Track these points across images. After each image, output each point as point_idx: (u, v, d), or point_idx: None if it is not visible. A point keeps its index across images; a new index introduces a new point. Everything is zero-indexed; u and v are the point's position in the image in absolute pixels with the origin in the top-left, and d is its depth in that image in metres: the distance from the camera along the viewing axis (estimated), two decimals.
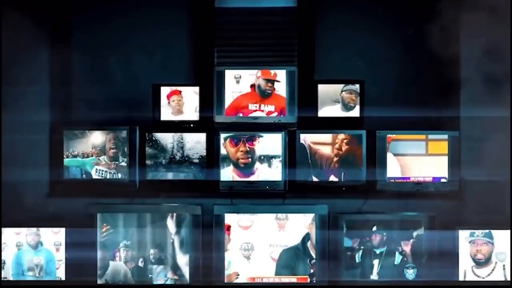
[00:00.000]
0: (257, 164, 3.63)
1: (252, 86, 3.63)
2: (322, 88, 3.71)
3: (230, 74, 3.68)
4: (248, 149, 3.61)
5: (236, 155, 3.62)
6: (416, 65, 3.91)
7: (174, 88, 3.69)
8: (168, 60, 3.97)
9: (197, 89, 3.70)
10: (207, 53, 3.93)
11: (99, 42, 3.93)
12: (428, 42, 3.77)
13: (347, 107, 3.68)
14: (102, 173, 3.68)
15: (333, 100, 3.71)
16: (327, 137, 3.65)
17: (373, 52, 3.92)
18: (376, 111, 3.66)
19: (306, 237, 3.54)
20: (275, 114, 3.64)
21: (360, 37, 3.94)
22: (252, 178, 3.65)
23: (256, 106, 3.64)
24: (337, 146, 3.67)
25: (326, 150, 3.66)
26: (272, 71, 3.64)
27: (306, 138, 3.64)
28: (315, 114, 3.70)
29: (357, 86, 3.68)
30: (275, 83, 3.60)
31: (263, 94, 3.61)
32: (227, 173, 3.61)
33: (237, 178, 3.64)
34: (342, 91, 3.67)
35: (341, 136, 3.65)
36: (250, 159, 3.63)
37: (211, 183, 3.62)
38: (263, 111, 3.63)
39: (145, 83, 3.79)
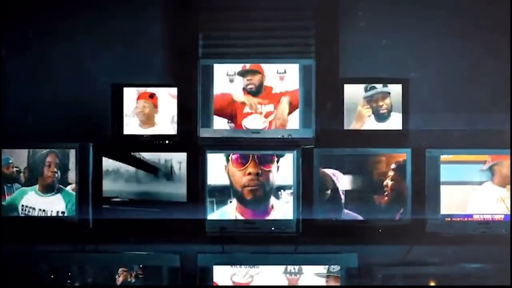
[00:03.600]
0: (273, 199, 3.12)
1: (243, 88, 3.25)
2: (350, 90, 3.21)
3: (220, 70, 3.20)
4: (260, 171, 3.11)
5: (242, 181, 3.11)
6: (477, 62, 3.43)
7: (142, 89, 3.25)
8: (133, 51, 3.53)
9: (174, 91, 3.24)
10: (189, 41, 3.51)
11: (36, 30, 3.51)
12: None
13: (378, 115, 3.17)
14: (32, 210, 3.23)
15: (362, 106, 3.19)
16: (360, 159, 3.14)
17: (418, 41, 3.43)
18: (422, 121, 3.24)
19: None
20: (273, 115, 3.14)
21: (402, 21, 3.45)
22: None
23: (249, 109, 3.15)
24: (379, 170, 3.14)
25: (357, 177, 3.15)
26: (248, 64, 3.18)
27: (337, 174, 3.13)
28: (340, 126, 3.20)
29: (389, 87, 3.18)
30: (263, 76, 3.12)
31: (249, 92, 3.17)
32: (228, 212, 3.12)
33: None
34: (366, 94, 3.17)
35: (380, 156, 3.13)
36: (261, 189, 3.13)
37: (195, 223, 3.16)
38: (261, 113, 3.13)
39: (102, 83, 3.33)
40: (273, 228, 3.13)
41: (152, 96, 3.27)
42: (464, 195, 3.18)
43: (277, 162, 3.18)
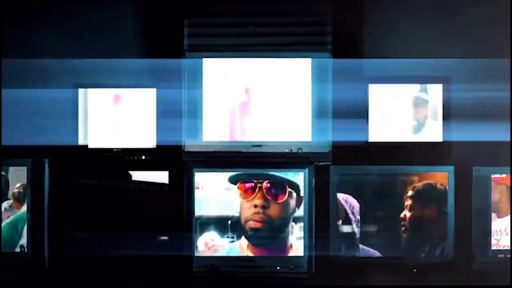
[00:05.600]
0: (292, 238, 2.75)
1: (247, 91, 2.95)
2: (376, 92, 2.87)
3: (212, 66, 2.85)
4: (265, 203, 2.74)
5: (246, 214, 2.80)
6: None
7: (111, 91, 2.95)
8: (100, 42, 3.16)
9: (152, 92, 2.90)
10: (171, 29, 3.14)
11: None
12: None
13: (411, 124, 2.85)
14: None
15: (391, 113, 2.86)
16: (387, 179, 2.77)
17: (461, 30, 3.04)
18: (467, 131, 2.84)
19: None
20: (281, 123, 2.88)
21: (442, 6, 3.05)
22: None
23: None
24: (410, 193, 2.77)
25: (384, 202, 2.76)
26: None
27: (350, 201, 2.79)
28: (363, 137, 2.85)
29: (428, 92, 2.83)
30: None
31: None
32: (234, 249, 2.77)
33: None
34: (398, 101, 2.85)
35: (413, 176, 2.78)
36: (267, 226, 2.76)
37: (181, 261, 2.85)
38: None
39: (61, 83, 3.01)
40: (278, 268, 2.82)
41: (123, 99, 2.96)
42: None
43: (291, 196, 2.78)
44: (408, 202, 2.85)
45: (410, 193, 2.87)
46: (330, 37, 3.09)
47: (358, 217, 2.80)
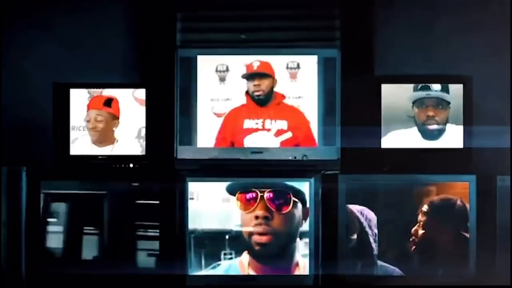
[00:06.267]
0: (298, 255, 2.57)
1: (247, 92, 2.74)
2: (389, 92, 2.68)
3: (207, 64, 2.69)
4: (269, 214, 2.56)
5: (248, 226, 2.66)
6: None
7: (96, 91, 2.74)
8: (85, 38, 2.97)
9: (142, 93, 2.72)
10: (162, 24, 3.00)
11: None
12: None
13: (424, 131, 2.64)
14: None
15: (408, 116, 2.65)
16: (402, 190, 2.60)
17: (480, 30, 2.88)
18: (491, 136, 2.68)
19: None
20: (289, 135, 2.61)
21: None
22: None
23: (256, 123, 2.64)
24: (425, 208, 2.56)
25: (398, 215, 2.56)
26: (256, 62, 2.62)
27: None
28: (376, 143, 2.67)
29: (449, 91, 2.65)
30: (274, 80, 2.62)
31: (256, 100, 2.66)
32: (233, 266, 2.58)
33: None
34: (415, 102, 2.62)
35: (431, 186, 2.61)
36: (272, 238, 2.57)
37: (173, 280, 2.64)
38: (269, 130, 2.63)
39: (41, 81, 2.83)
40: None
41: (109, 102, 2.77)
42: None
43: (293, 205, 2.57)
44: (422, 218, 2.64)
45: (425, 208, 2.66)
46: (338, 32, 2.86)
47: (376, 230, 2.62)
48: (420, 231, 2.75)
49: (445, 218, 2.76)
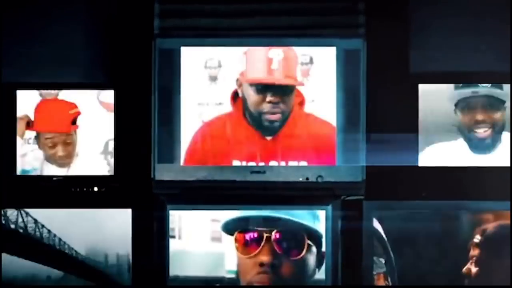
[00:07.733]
0: None
1: (235, 95, 2.30)
2: (429, 94, 2.36)
3: (193, 57, 2.31)
4: (275, 260, 2.14)
5: (249, 274, 2.19)
6: None
7: (49, 93, 2.39)
8: (38, 28, 2.51)
9: (110, 95, 2.39)
10: (136, 6, 2.55)
11: None
12: None
13: (472, 141, 2.25)
14: None
15: (452, 125, 2.27)
16: (446, 218, 2.26)
17: None
18: None
19: None
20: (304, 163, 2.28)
21: None
22: None
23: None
24: (477, 239, 2.18)
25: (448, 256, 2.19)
26: (277, 56, 2.28)
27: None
28: (412, 161, 2.29)
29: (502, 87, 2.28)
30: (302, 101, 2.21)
31: (262, 126, 2.21)
32: None
33: None
34: (457, 103, 2.23)
35: (481, 215, 2.27)
36: None
37: None
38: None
39: None
40: None
41: (68, 105, 2.41)
42: None
43: (308, 249, 2.10)
44: (475, 252, 2.20)
45: (476, 239, 2.28)
46: (363, 17, 2.49)
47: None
48: (474, 270, 2.35)
49: (504, 250, 2.30)
